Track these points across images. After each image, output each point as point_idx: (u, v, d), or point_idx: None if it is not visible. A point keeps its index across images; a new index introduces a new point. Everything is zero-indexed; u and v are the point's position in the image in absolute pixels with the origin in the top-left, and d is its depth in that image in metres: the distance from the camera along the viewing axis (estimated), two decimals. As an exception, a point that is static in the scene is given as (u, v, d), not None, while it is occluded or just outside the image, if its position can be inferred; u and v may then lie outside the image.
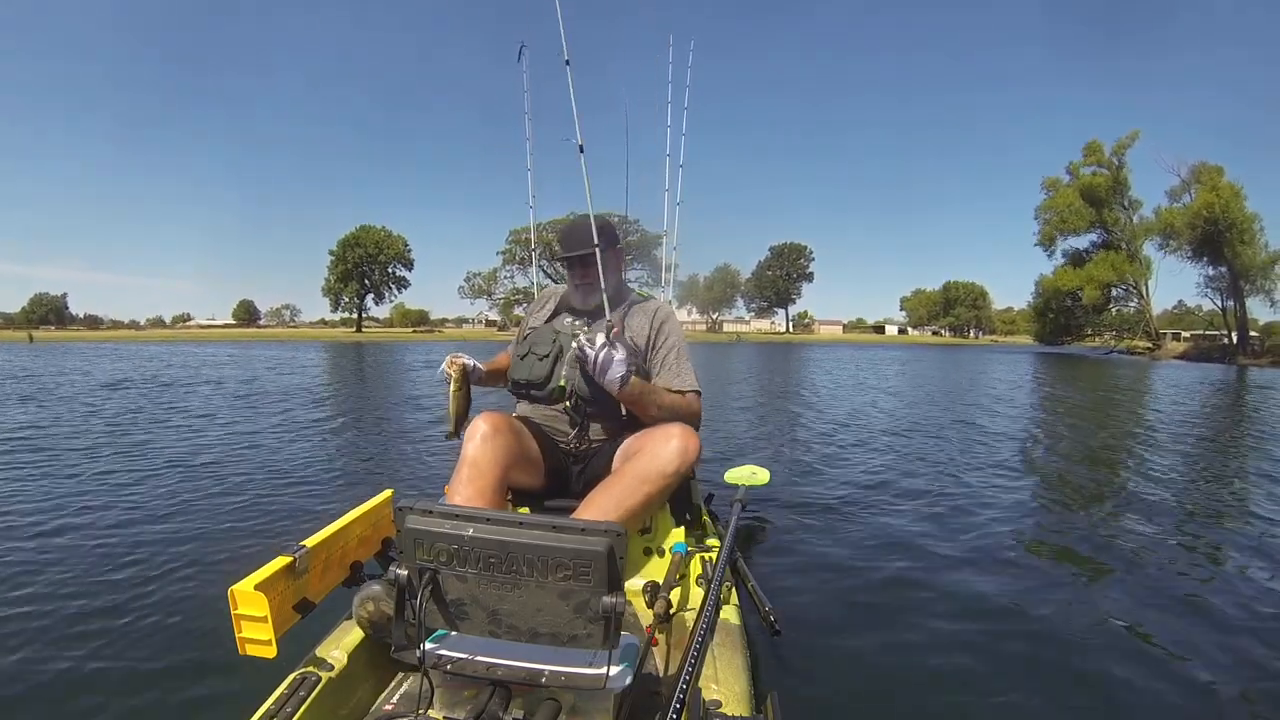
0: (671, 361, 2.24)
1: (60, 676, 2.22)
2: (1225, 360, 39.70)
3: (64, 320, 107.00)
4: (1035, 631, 2.80)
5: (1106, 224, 50.05)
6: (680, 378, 2.22)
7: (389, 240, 76.55)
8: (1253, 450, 7.63)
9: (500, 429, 1.95)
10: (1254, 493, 5.43)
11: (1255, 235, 40.88)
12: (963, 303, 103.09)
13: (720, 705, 1.41)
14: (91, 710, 2.04)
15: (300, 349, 36.37)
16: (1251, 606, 3.02)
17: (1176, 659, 2.54)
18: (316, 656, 1.54)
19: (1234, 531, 4.27)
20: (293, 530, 3.69)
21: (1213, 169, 42.65)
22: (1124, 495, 5.32)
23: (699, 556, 2.10)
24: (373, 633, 1.54)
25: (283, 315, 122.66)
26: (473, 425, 1.96)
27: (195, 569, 3.15)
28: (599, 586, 1.25)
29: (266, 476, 5.16)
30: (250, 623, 1.40)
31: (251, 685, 1.53)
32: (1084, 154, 50.76)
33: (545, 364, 2.18)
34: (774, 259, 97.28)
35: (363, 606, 1.50)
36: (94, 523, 3.88)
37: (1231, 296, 44.26)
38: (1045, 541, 4.06)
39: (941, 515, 4.50)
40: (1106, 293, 50.49)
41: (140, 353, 29.70)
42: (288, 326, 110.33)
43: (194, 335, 70.22)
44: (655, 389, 2.11)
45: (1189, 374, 25.83)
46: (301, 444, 6.75)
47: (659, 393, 2.10)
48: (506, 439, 1.95)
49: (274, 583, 1.44)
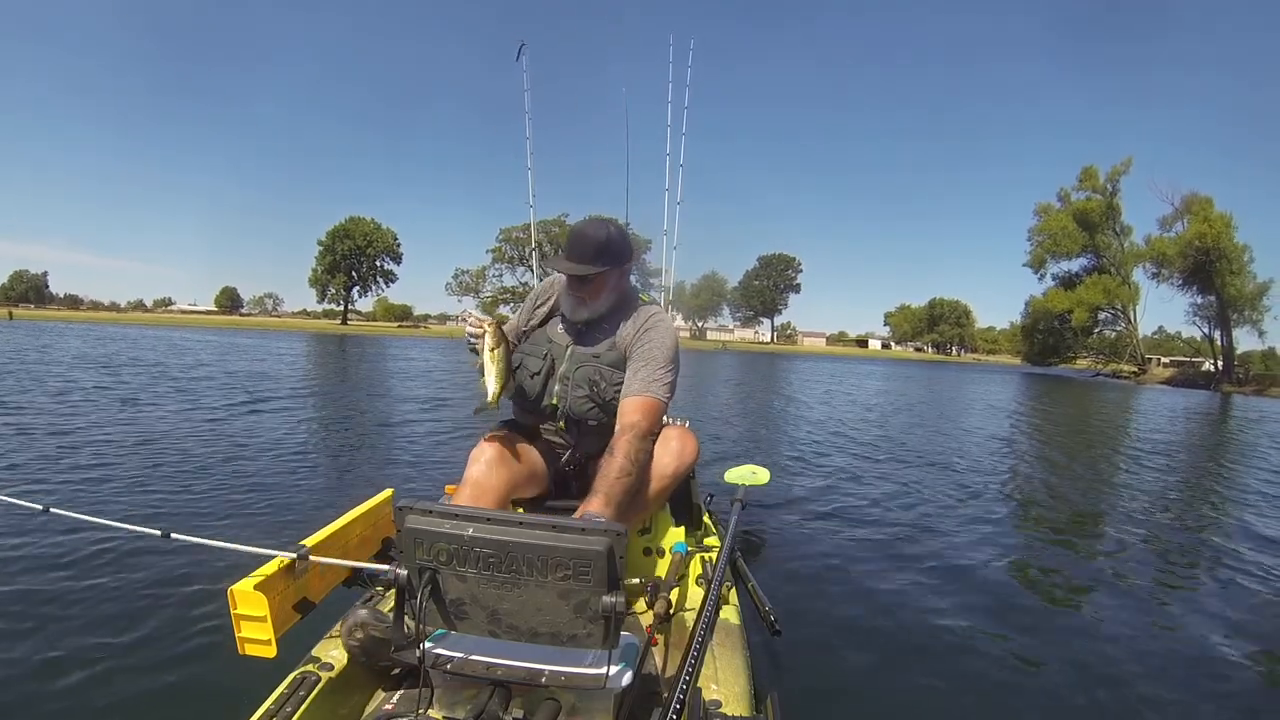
0: (640, 365, 2.05)
1: (60, 677, 2.18)
2: (1210, 387, 40.29)
3: (44, 299, 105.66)
4: (1035, 632, 2.87)
5: (1098, 249, 51.03)
6: (643, 383, 2.01)
7: (378, 233, 75.90)
8: (1242, 475, 7.90)
9: (505, 456, 1.94)
10: (1247, 516, 5.52)
11: (1244, 266, 41.73)
12: (947, 320, 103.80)
13: (720, 705, 1.42)
14: (91, 710, 2.03)
15: (286, 339, 36.06)
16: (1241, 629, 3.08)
17: (1164, 663, 2.64)
18: (316, 656, 1.53)
19: (1230, 553, 4.32)
20: (292, 530, 3.61)
21: (1203, 199, 43.50)
22: (1118, 508, 5.44)
23: (699, 556, 2.11)
24: (364, 658, 1.51)
25: (265, 304, 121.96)
26: (478, 449, 1.94)
27: (194, 568, 3.09)
28: (599, 586, 1.24)
29: (266, 474, 5.05)
30: (250, 622, 1.39)
31: (251, 685, 1.49)
32: (1079, 179, 51.74)
33: (537, 381, 2.11)
34: (762, 269, 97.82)
35: (351, 636, 1.48)
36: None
37: (1219, 325, 44.93)
38: (1045, 543, 4.21)
39: (941, 518, 4.60)
40: (1094, 316, 51.30)
41: (128, 336, 29.38)
42: (270, 315, 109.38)
43: (175, 320, 69.38)
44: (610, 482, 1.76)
45: (1176, 399, 26.50)
46: (301, 441, 6.63)
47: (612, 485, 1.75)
48: (510, 465, 1.94)
49: (274, 583, 1.43)
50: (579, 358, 2.10)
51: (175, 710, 2.05)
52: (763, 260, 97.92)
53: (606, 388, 2.06)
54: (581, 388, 2.06)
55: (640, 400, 1.97)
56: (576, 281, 2.11)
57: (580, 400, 2.06)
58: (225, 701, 1.95)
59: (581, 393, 2.06)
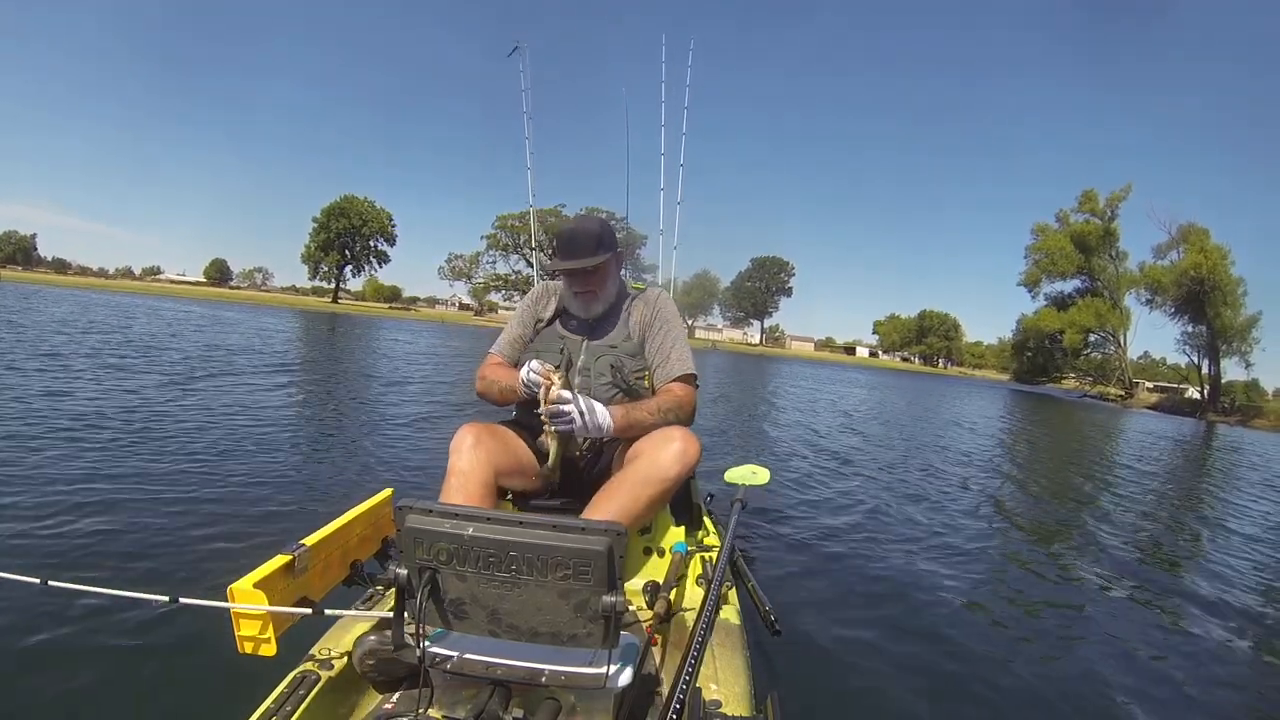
0: (667, 348, 2.17)
1: (60, 677, 2.14)
2: (1195, 415, 40.61)
3: (31, 261, 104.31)
4: (1036, 633, 2.92)
5: (1093, 271, 51.56)
6: (678, 364, 2.14)
7: (374, 213, 75.43)
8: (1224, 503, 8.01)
9: (483, 439, 1.93)
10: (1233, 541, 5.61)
11: (1239, 299, 42.21)
12: (936, 332, 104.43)
13: (720, 705, 1.41)
14: (91, 710, 2.01)
15: (278, 315, 35.70)
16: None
17: (1151, 669, 2.71)
18: (316, 656, 1.52)
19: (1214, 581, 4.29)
20: (292, 529, 3.48)
21: (1200, 230, 43.94)
22: (1121, 524, 5.47)
23: (699, 556, 2.12)
24: (380, 678, 1.48)
25: (254, 278, 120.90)
26: (457, 438, 1.93)
27: (193, 567, 3.05)
28: (599, 586, 1.24)
29: (266, 472, 4.90)
30: (249, 621, 1.38)
31: (251, 684, 1.46)
32: (1079, 201, 52.32)
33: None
34: (755, 270, 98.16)
35: (363, 663, 1.44)
36: (91, 519, 3.58)
37: (1207, 354, 45.47)
38: (1046, 546, 4.31)
39: (941, 520, 4.64)
40: (1085, 337, 51.80)
41: (118, 305, 28.69)
42: (259, 290, 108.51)
43: (165, 289, 68.70)
44: (638, 405, 2.01)
45: (1164, 425, 27.01)
46: (299, 439, 6.47)
47: (641, 407, 2.00)
48: (490, 447, 1.93)
49: (273, 581, 1.41)
50: (596, 350, 2.15)
51: (175, 710, 2.04)
52: (756, 262, 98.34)
53: (629, 374, 2.11)
54: (604, 375, 2.10)
55: (683, 381, 2.12)
56: (581, 277, 2.12)
57: (604, 388, 2.08)
58: (225, 701, 1.93)
59: (605, 380, 2.09)
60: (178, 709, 2.04)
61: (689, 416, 2.08)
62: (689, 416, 2.08)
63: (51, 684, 2.11)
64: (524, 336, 2.29)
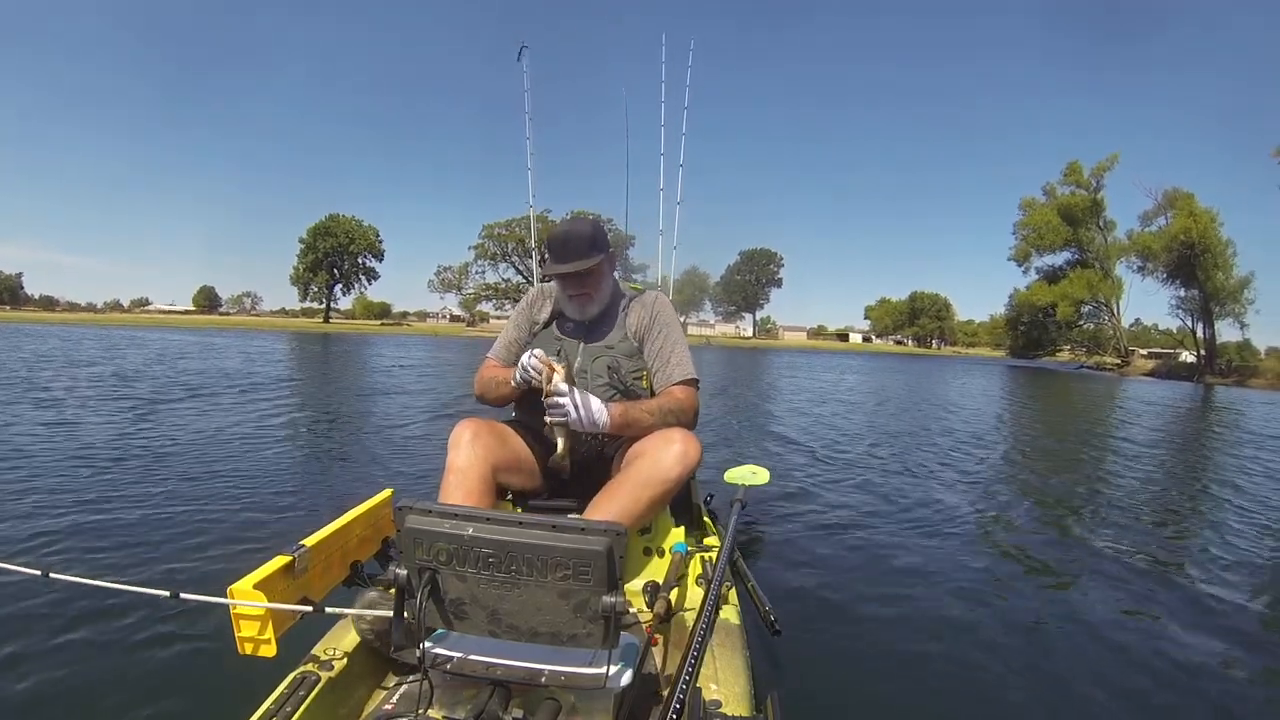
0: (667, 352, 2.17)
1: (59, 676, 2.16)
2: (1193, 378, 40.74)
3: (19, 300, 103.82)
4: (1039, 629, 2.90)
5: (1082, 243, 51.59)
6: (678, 368, 2.14)
7: (360, 231, 75.31)
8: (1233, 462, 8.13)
9: (481, 434, 1.94)
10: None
11: (1228, 260, 42.25)
12: (927, 313, 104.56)
13: (720, 705, 1.42)
14: (91, 710, 2.02)
15: (270, 338, 35.67)
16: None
17: (1154, 662, 2.62)
18: (316, 656, 1.52)
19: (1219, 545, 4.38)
20: (292, 529, 3.56)
21: (1185, 194, 43.97)
22: (1114, 501, 5.52)
23: (699, 556, 2.11)
24: (377, 641, 1.51)
25: (244, 303, 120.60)
26: (456, 432, 1.94)
27: (193, 567, 3.08)
28: (598, 586, 1.24)
29: (265, 474, 4.99)
30: (249, 622, 1.38)
31: (251, 685, 1.47)
32: (1064, 174, 52.34)
33: None
34: (744, 263, 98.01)
35: (363, 619, 1.48)
36: (90, 519, 3.70)
37: (1201, 318, 45.54)
38: (1050, 541, 4.24)
39: (942, 518, 4.60)
40: (1078, 309, 51.86)
41: (113, 339, 28.62)
42: (249, 314, 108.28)
43: (154, 320, 68.27)
44: (637, 404, 2.03)
45: (1164, 390, 27.02)
46: (299, 441, 6.60)
47: (640, 407, 2.02)
48: (488, 443, 1.94)
49: (273, 582, 1.42)
50: (592, 351, 2.14)
51: (175, 710, 2.04)
52: (744, 255, 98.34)
53: (626, 374, 2.11)
54: (601, 376, 2.10)
55: (684, 385, 2.11)
56: (577, 279, 2.12)
57: (602, 389, 2.08)
58: (225, 701, 1.96)
59: (601, 381, 2.09)
60: (178, 709, 2.04)
61: (691, 419, 2.07)
62: (691, 419, 2.07)
63: (52, 683, 2.12)
64: (520, 340, 2.29)
